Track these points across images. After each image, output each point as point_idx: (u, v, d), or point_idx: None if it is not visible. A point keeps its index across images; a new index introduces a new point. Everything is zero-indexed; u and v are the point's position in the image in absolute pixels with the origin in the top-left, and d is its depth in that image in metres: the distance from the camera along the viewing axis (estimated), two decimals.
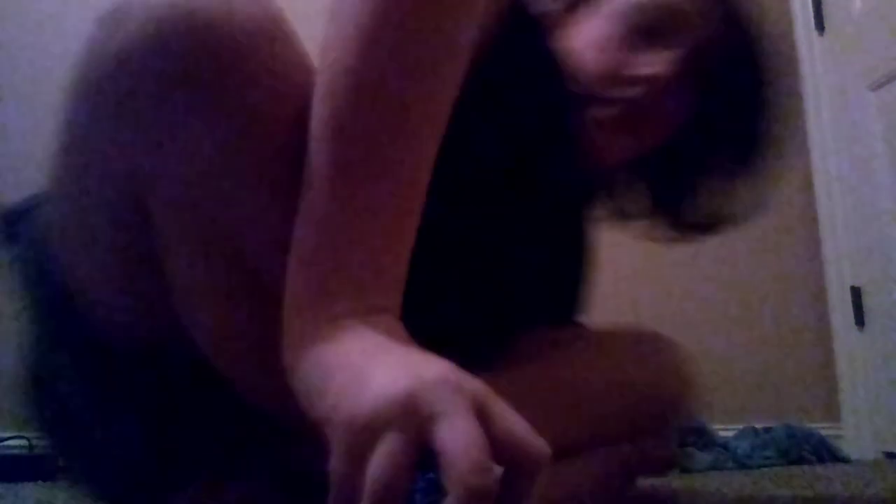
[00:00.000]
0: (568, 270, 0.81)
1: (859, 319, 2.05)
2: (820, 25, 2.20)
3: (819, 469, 1.70)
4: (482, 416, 0.31)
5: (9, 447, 1.48)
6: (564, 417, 0.60)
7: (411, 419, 0.30)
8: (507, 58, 0.57)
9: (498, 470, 0.31)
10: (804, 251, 2.21)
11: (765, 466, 1.76)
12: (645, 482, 0.92)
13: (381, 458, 0.30)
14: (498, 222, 0.65)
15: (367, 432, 0.31)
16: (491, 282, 0.72)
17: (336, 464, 0.32)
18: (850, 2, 2.09)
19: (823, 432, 1.97)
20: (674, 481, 1.28)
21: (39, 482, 1.34)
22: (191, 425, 0.53)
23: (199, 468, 0.53)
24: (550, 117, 0.62)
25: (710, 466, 1.62)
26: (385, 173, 0.39)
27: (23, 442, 1.46)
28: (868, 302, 2.03)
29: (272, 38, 0.43)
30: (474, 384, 0.33)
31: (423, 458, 0.32)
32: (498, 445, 0.30)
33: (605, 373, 0.66)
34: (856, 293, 2.06)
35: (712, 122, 0.67)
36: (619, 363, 0.67)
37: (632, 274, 2.17)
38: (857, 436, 2.03)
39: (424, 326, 0.40)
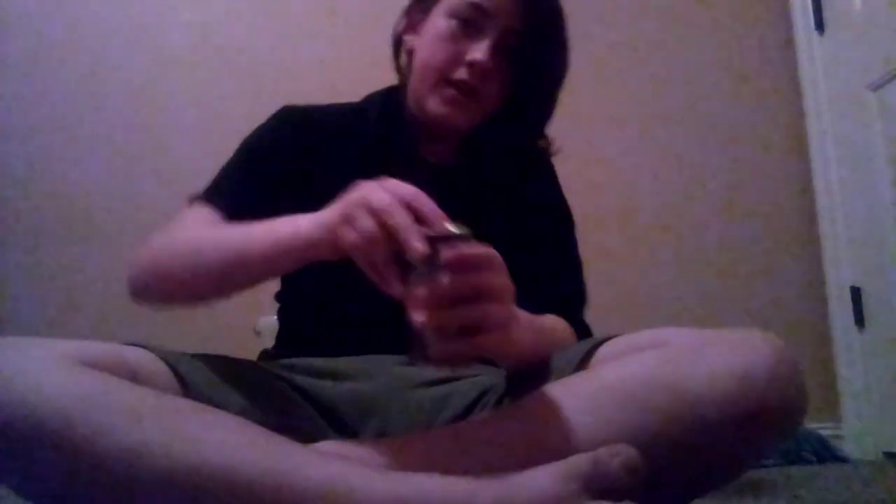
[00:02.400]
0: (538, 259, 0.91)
1: (859, 319, 2.05)
2: (820, 25, 2.20)
3: (819, 469, 1.70)
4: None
5: None
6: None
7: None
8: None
9: None
10: (804, 251, 2.21)
11: (765, 466, 1.76)
12: None
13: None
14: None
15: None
16: None
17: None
18: (850, 2, 2.09)
19: (823, 432, 1.97)
20: None
21: None
22: None
23: None
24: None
25: None
26: None
27: None
28: (868, 302, 2.03)
29: None
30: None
31: None
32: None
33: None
34: (856, 293, 2.06)
35: (523, 82, 0.91)
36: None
37: (630, 273, 2.17)
38: (857, 436, 2.03)
39: None
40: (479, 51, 0.86)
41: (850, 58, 2.09)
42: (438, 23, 0.90)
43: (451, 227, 0.59)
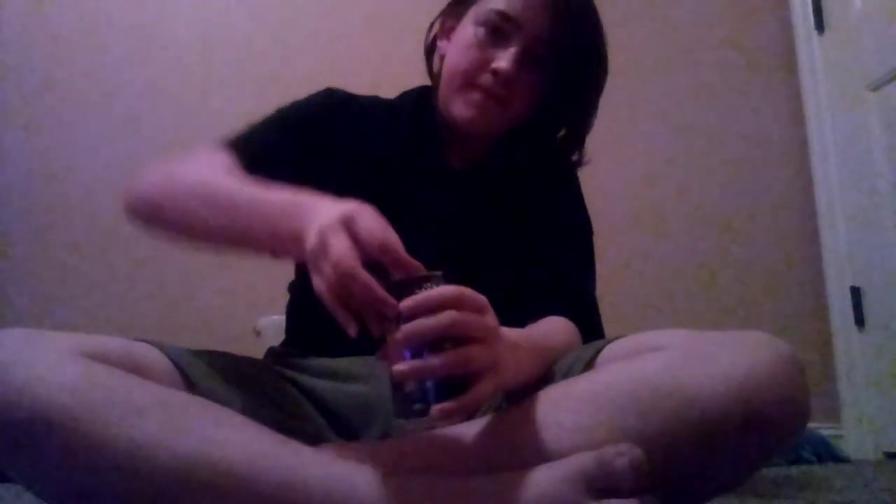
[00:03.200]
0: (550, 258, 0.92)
1: (859, 319, 2.04)
2: (820, 25, 2.20)
3: (819, 469, 1.70)
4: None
5: None
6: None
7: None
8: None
9: None
10: (804, 251, 2.21)
11: (765, 466, 1.76)
12: None
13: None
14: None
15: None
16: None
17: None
18: (850, 2, 2.09)
19: (823, 432, 1.97)
20: None
21: None
22: None
23: None
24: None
25: None
26: None
27: None
28: (868, 302, 2.03)
29: None
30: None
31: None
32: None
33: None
34: (856, 293, 2.06)
35: (557, 90, 0.91)
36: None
37: (630, 274, 2.17)
38: (857, 436, 2.03)
39: None
40: (503, 59, 0.86)
41: (850, 58, 2.09)
42: (467, 29, 0.91)
43: (420, 272, 0.58)
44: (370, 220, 0.60)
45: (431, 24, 0.99)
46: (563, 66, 0.89)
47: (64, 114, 2.15)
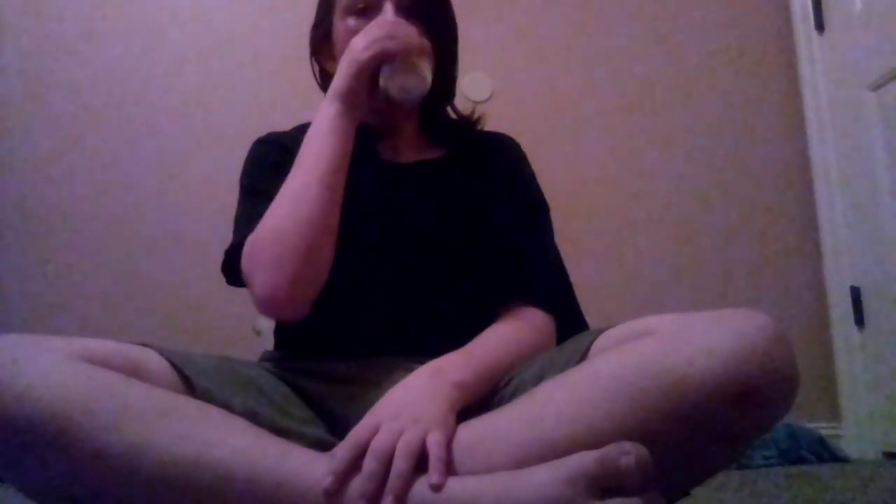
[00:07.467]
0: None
1: (859, 319, 2.05)
2: (820, 25, 2.20)
3: (819, 469, 1.70)
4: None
5: None
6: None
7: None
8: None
9: None
10: (804, 251, 2.21)
11: (765, 466, 1.76)
12: None
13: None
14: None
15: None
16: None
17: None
18: (850, 2, 2.09)
19: (823, 432, 1.97)
20: None
21: None
22: None
23: None
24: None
25: None
26: None
27: None
28: (868, 302, 2.03)
29: None
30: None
31: None
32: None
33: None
34: (856, 293, 2.06)
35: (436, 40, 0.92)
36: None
37: (630, 274, 2.17)
38: (857, 436, 2.03)
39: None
40: (384, 14, 0.86)
41: (850, 58, 2.09)
42: (340, 28, 0.92)
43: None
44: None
45: (312, 66, 1.00)
46: (431, 10, 0.91)
47: (63, 117, 2.15)
